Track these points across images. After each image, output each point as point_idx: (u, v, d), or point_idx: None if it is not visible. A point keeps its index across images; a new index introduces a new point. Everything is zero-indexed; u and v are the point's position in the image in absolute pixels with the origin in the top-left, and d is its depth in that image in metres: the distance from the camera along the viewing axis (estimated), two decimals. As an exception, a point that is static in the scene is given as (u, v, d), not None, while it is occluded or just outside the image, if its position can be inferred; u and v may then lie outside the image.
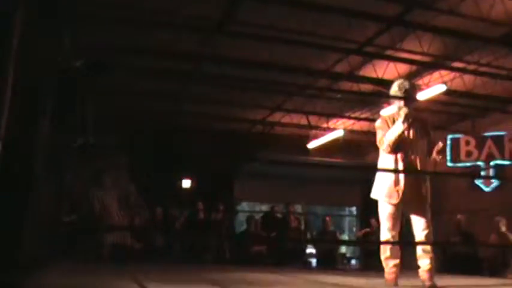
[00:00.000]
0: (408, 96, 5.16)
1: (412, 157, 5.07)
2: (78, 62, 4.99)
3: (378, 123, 5.28)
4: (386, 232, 5.10)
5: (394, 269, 5.07)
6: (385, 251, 5.11)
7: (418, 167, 5.08)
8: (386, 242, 5.17)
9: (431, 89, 11.51)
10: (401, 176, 5.01)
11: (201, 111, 14.39)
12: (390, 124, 5.13)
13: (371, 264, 11.59)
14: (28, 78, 4.47)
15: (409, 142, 5.08)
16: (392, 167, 5.06)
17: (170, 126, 14.90)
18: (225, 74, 11.23)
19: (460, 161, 13.53)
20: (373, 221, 13.52)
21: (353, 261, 15.39)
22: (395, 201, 5.02)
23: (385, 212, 5.10)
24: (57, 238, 6.74)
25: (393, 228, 5.07)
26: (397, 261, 5.07)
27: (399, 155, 5.07)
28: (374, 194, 5.24)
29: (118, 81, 11.72)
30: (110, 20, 8.94)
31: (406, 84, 5.25)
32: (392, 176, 5.04)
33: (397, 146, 5.05)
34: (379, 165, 5.20)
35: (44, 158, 4.69)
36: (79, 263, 7.14)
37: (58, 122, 4.92)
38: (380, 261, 5.21)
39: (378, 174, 5.25)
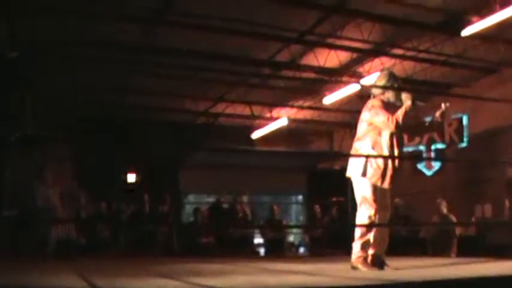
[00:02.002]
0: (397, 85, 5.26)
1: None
2: (13, 53, 4.86)
3: (379, 103, 5.17)
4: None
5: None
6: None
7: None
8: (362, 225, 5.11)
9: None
10: (389, 161, 5.02)
11: (144, 103, 14.24)
12: (390, 107, 5.09)
13: (318, 251, 11.76)
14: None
15: None
16: (387, 150, 5.04)
17: (114, 118, 14.71)
18: (166, 65, 11.12)
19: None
20: (316, 207, 13.70)
21: (301, 249, 15.51)
22: (387, 185, 5.04)
23: (371, 193, 5.03)
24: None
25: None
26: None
27: (394, 139, 5.07)
28: (354, 173, 5.17)
29: (60, 73, 11.48)
30: (52, 10, 8.71)
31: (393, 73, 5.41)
32: (383, 160, 5.01)
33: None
34: (367, 148, 5.11)
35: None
36: (22, 259, 6.99)
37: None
38: (327, 247, 5.20)
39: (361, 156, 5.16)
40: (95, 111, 14.29)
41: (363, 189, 5.09)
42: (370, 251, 5.00)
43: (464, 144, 13.58)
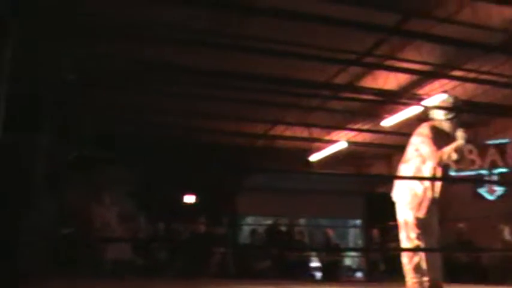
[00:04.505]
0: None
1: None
2: (72, 76, 4.99)
3: (429, 131, 5.05)
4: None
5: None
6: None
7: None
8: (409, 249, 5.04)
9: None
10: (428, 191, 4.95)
11: (202, 126, 14.35)
12: (441, 135, 5.01)
13: (375, 276, 11.56)
14: (25, 91, 4.45)
15: None
16: (428, 181, 4.98)
17: (172, 141, 14.87)
18: (225, 88, 11.18)
19: (463, 170, 13.45)
20: (374, 231, 13.48)
21: (358, 273, 15.28)
22: (422, 215, 4.97)
23: (413, 217, 4.97)
24: (56, 252, 6.70)
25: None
26: None
27: (437, 170, 5.00)
28: (397, 197, 5.12)
29: (119, 97, 11.70)
30: (113, 34, 8.91)
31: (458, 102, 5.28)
32: (422, 189, 4.95)
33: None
34: (409, 173, 5.05)
35: (42, 171, 4.66)
36: (79, 278, 7.08)
37: (55, 135, 4.90)
38: (384, 272, 5.13)
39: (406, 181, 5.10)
40: (153, 133, 14.47)
41: (404, 213, 5.03)
42: (425, 278, 4.88)
43: (529, 168, 13.18)
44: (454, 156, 4.92)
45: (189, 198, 16.54)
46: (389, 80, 11.98)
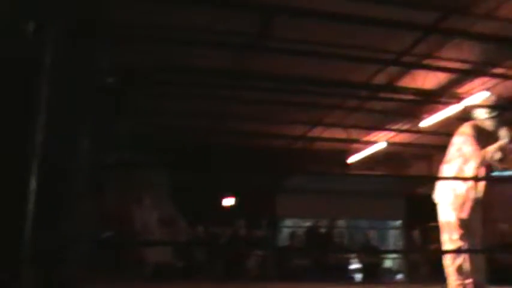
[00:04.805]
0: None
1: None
2: (111, 79, 5.02)
3: (472, 131, 4.97)
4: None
5: None
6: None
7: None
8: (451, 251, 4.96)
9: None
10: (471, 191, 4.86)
11: (239, 129, 14.39)
12: (484, 134, 4.92)
13: (416, 278, 11.42)
14: (64, 96, 4.49)
15: None
16: (471, 181, 4.90)
17: (209, 144, 14.94)
18: (262, 90, 11.19)
19: (507, 169, 13.18)
20: (415, 233, 13.31)
21: (398, 275, 15.11)
22: (465, 216, 4.88)
23: (455, 218, 4.90)
24: (97, 256, 6.76)
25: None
26: None
27: (481, 170, 4.92)
28: (439, 197, 5.06)
29: (156, 99, 11.78)
30: (147, 39, 8.99)
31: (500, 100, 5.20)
32: (464, 189, 4.87)
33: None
34: (451, 173, 4.97)
35: (83, 176, 4.69)
36: (119, 281, 7.14)
37: (95, 139, 4.93)
38: (425, 274, 5.06)
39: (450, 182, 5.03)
40: (191, 137, 14.56)
41: (447, 214, 4.94)
42: (468, 280, 4.78)
43: None
44: (498, 155, 4.82)
45: (228, 201, 16.58)
46: (428, 79, 11.82)
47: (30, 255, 3.70)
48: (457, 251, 4.89)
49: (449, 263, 4.85)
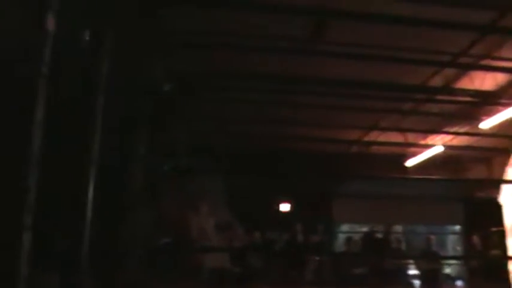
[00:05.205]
0: None
1: None
2: (167, 86, 5.08)
3: None
4: None
5: None
6: None
7: None
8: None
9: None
10: None
11: (295, 134, 14.36)
12: None
13: (477, 285, 11.15)
14: (121, 104, 4.57)
15: None
16: None
17: (266, 149, 14.96)
18: (316, 95, 11.15)
19: None
20: (475, 238, 13.01)
21: (458, 282, 14.81)
22: None
23: None
24: (155, 261, 6.83)
25: None
26: None
27: None
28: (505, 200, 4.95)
29: (211, 105, 11.86)
30: (203, 45, 9.06)
31: None
32: None
33: None
34: None
35: (140, 183, 4.76)
36: (177, 287, 7.19)
37: (152, 145, 5.00)
38: (486, 280, 4.93)
39: None
40: (247, 143, 14.60)
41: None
42: None
43: None
44: None
45: (284, 207, 16.57)
46: (486, 80, 11.55)
47: (90, 262, 3.77)
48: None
49: None
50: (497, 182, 5.38)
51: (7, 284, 2.51)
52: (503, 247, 4.97)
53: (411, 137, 15.44)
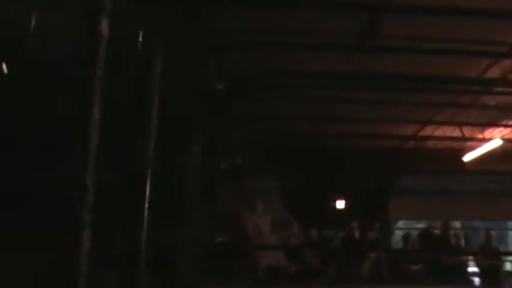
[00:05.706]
0: None
1: None
2: (220, 85, 5.12)
3: None
4: None
5: None
6: None
7: None
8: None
9: None
10: None
11: (350, 131, 14.28)
12: None
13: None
14: (176, 106, 4.63)
15: None
16: None
17: (321, 147, 14.92)
18: (370, 91, 11.06)
19: None
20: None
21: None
22: None
23: None
24: (211, 260, 6.90)
25: None
26: None
27: None
28: None
29: (266, 103, 11.86)
30: (252, 44, 9.07)
31: None
32: None
33: None
34: None
35: (197, 182, 4.81)
36: (233, 285, 7.25)
37: (207, 146, 5.06)
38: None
39: None
40: (302, 140, 14.59)
41: None
42: None
43: None
44: None
45: (340, 204, 16.49)
46: (547, 71, 11.24)
47: (147, 260, 3.84)
48: None
49: None
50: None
51: (68, 281, 2.57)
52: None
53: (468, 131, 15.15)
